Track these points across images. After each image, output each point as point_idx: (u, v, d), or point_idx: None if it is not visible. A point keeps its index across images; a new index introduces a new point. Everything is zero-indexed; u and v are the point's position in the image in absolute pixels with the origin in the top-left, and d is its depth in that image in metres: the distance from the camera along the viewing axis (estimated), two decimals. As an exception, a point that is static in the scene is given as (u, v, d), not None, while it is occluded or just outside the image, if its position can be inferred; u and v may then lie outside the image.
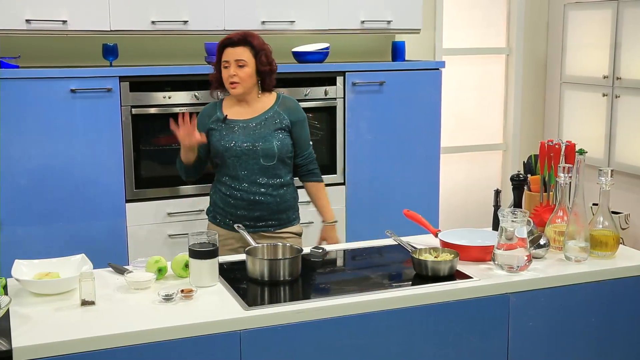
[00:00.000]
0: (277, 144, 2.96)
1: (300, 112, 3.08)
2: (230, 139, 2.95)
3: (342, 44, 4.35)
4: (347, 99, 4.04)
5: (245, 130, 2.97)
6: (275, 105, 3.03)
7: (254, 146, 2.94)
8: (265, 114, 3.00)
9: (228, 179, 2.99)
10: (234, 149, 2.94)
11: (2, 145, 3.42)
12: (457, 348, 2.35)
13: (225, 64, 2.94)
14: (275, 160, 2.97)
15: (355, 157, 4.10)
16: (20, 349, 1.89)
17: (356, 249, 2.87)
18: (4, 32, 3.52)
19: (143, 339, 2.00)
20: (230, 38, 2.95)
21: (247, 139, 2.94)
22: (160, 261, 2.39)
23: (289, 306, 2.19)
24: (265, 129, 2.97)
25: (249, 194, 2.96)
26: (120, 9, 3.65)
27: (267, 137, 2.95)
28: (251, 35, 2.97)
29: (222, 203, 3.01)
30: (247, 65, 2.93)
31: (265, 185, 2.97)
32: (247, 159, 2.95)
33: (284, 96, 3.11)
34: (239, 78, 2.92)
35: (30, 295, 2.23)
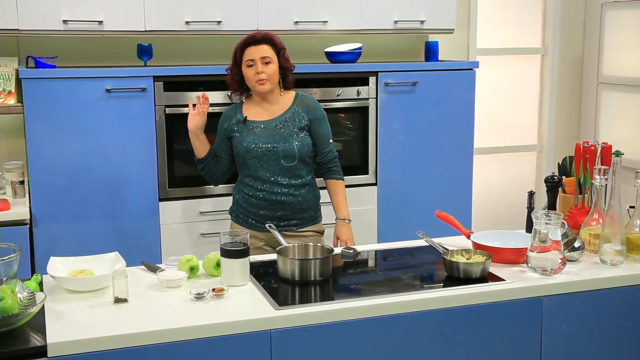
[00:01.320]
0: (297, 144, 2.99)
1: (318, 110, 3.10)
2: (250, 141, 2.99)
3: (375, 44, 4.34)
4: (380, 99, 4.02)
5: (265, 131, 3.00)
6: (294, 105, 3.06)
7: (274, 147, 2.97)
8: (285, 114, 3.03)
9: (250, 180, 3.02)
10: (255, 150, 2.98)
11: (39, 143, 3.47)
12: (489, 352, 2.33)
13: (249, 62, 2.97)
14: (296, 160, 2.99)
15: (387, 157, 4.09)
16: (54, 344, 1.91)
17: (387, 249, 2.86)
18: (41, 32, 3.57)
19: (174, 337, 2.01)
20: (252, 37, 3.00)
21: (268, 140, 2.98)
22: (192, 260, 2.41)
23: (320, 306, 2.19)
24: (285, 130, 3.00)
25: (270, 194, 2.99)
26: (155, 9, 3.68)
27: (287, 137, 2.99)
28: (269, 34, 3.04)
29: (244, 203, 3.05)
30: (272, 62, 2.98)
31: (287, 185, 2.99)
32: (267, 159, 2.98)
33: (303, 94, 3.13)
34: (266, 75, 2.96)
35: (65, 292, 2.26)
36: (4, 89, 3.68)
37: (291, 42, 4.10)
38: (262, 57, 2.96)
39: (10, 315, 1.91)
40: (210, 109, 3.70)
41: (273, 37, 3.04)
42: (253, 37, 3.00)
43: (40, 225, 3.49)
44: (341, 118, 4.06)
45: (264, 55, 2.96)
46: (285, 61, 3.05)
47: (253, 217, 3.04)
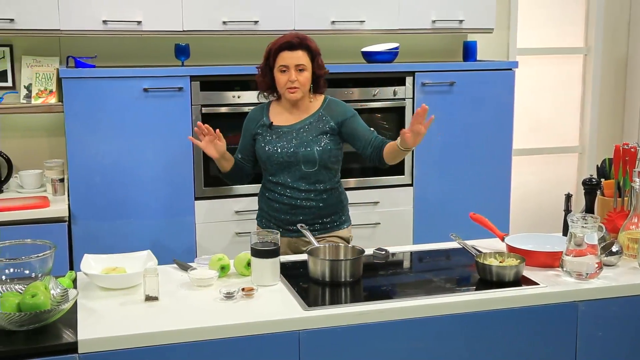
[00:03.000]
0: (318, 149, 2.90)
1: (347, 111, 2.99)
2: (273, 146, 2.92)
3: (412, 44, 4.30)
4: (416, 99, 3.99)
5: (288, 136, 2.92)
6: (320, 109, 2.97)
7: (295, 153, 2.89)
8: (310, 118, 2.95)
9: (272, 184, 2.97)
10: (276, 157, 2.91)
11: (78, 142, 3.52)
12: (521, 357, 2.29)
13: (282, 68, 2.87)
14: (317, 166, 2.91)
15: (423, 158, 4.05)
16: (85, 341, 1.94)
17: (420, 251, 2.84)
18: (82, 32, 3.62)
19: (203, 335, 2.02)
20: (288, 41, 2.88)
21: (290, 145, 2.90)
22: (224, 259, 2.42)
23: (349, 308, 2.18)
24: (308, 134, 2.92)
25: (290, 199, 2.93)
26: (193, 9, 3.71)
27: (309, 143, 2.90)
28: (306, 37, 2.93)
29: (266, 207, 3.01)
30: (306, 70, 2.89)
31: (307, 191, 2.92)
32: (288, 165, 2.91)
33: (331, 99, 3.04)
34: (299, 83, 2.87)
35: (98, 289, 2.29)
36: (45, 88, 3.75)
37: (328, 42, 4.10)
38: (296, 64, 2.86)
39: (43, 311, 1.94)
40: (246, 108, 3.73)
41: (309, 42, 2.93)
42: (289, 42, 2.88)
43: (79, 223, 3.55)
44: (377, 118, 4.04)
45: (298, 62, 2.86)
46: (319, 68, 2.95)
47: (275, 222, 2.98)
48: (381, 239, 4.01)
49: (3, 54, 3.80)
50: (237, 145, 3.12)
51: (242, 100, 3.75)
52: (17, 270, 2.22)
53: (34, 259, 2.22)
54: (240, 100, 3.75)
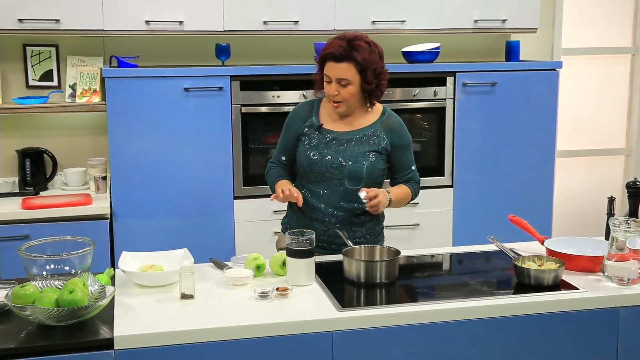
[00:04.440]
0: (367, 165, 2.63)
1: (404, 136, 2.75)
2: (317, 152, 2.65)
3: (453, 44, 4.26)
4: (457, 99, 3.95)
5: (337, 145, 2.66)
6: (377, 123, 2.70)
7: (341, 165, 2.63)
8: (364, 131, 2.68)
9: (307, 193, 2.71)
10: (319, 165, 2.65)
11: (119, 141, 3.57)
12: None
13: (326, 78, 2.62)
14: (362, 184, 2.63)
15: (464, 159, 4.01)
16: (121, 337, 1.96)
17: (458, 253, 2.81)
18: (125, 32, 3.68)
19: (237, 334, 2.03)
20: (331, 52, 2.57)
21: (336, 155, 2.64)
22: (259, 258, 2.42)
23: (384, 309, 2.16)
24: (358, 147, 2.65)
25: (325, 215, 2.68)
26: (234, 9, 3.73)
27: (357, 156, 2.64)
28: (357, 46, 2.56)
29: (297, 219, 2.75)
30: (352, 84, 2.58)
31: (346, 209, 2.67)
32: (330, 177, 2.65)
33: (390, 113, 2.76)
34: (341, 97, 2.60)
35: (135, 286, 2.32)
36: (89, 88, 3.81)
37: (368, 41, 4.09)
38: (338, 78, 2.57)
39: (80, 307, 1.97)
40: (286, 108, 3.74)
41: (358, 52, 2.55)
42: (332, 52, 2.57)
43: (120, 220, 3.60)
44: (417, 119, 4.01)
45: (340, 76, 2.56)
46: (369, 82, 2.59)
47: None
48: (420, 240, 3.99)
49: (49, 54, 3.88)
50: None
51: (281, 100, 3.76)
52: (57, 267, 2.26)
53: (74, 255, 2.26)
54: (280, 100, 3.76)
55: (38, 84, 3.89)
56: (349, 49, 2.56)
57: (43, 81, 3.89)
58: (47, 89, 3.88)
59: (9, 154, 3.88)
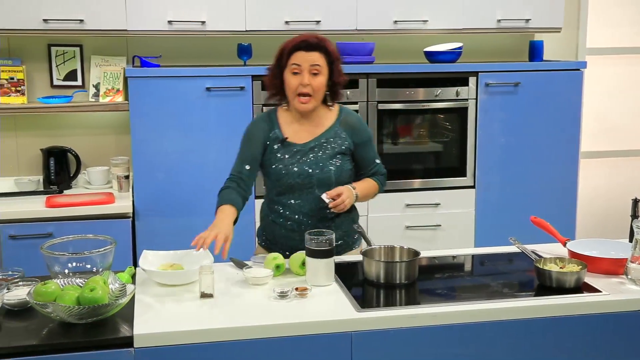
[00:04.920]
0: (334, 170, 2.60)
1: (364, 132, 2.70)
2: (284, 165, 2.60)
3: (476, 44, 4.23)
4: (480, 100, 3.93)
5: (302, 155, 2.60)
6: (336, 123, 2.65)
7: (310, 175, 2.58)
8: (325, 135, 2.62)
9: (279, 207, 2.66)
10: (287, 178, 2.60)
11: (142, 140, 3.60)
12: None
13: (295, 68, 2.53)
14: (332, 189, 2.58)
15: (486, 160, 3.99)
16: (140, 335, 1.97)
17: (479, 254, 2.79)
18: (148, 32, 3.70)
19: (256, 334, 2.03)
20: (304, 40, 2.54)
21: (302, 166, 2.59)
22: (279, 258, 2.43)
23: (403, 310, 2.15)
24: (322, 154, 2.60)
25: (300, 225, 2.62)
26: (256, 9, 3.74)
27: (324, 163, 2.59)
28: (325, 39, 2.58)
29: (273, 232, 2.69)
30: (322, 74, 2.54)
31: (319, 217, 2.62)
32: (300, 187, 2.60)
33: (347, 111, 2.72)
34: (311, 89, 2.53)
35: (155, 285, 2.33)
36: (112, 87, 3.84)
37: (390, 41, 4.09)
38: (311, 64, 2.52)
39: (100, 305, 1.99)
40: (307, 108, 3.73)
41: (328, 44, 2.58)
42: (305, 40, 2.55)
43: (142, 219, 3.62)
44: (439, 119, 3.99)
45: (314, 63, 2.52)
46: (338, 75, 2.60)
47: (285, 248, 2.62)
48: (441, 241, 3.97)
49: (73, 53, 3.92)
50: None
51: (303, 100, 3.76)
52: (79, 265, 2.28)
53: (95, 253, 2.28)
54: (302, 100, 3.75)
55: (62, 84, 3.93)
56: (321, 40, 2.57)
57: (67, 81, 3.93)
58: (71, 89, 3.92)
59: (33, 153, 3.93)
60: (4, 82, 3.77)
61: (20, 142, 3.94)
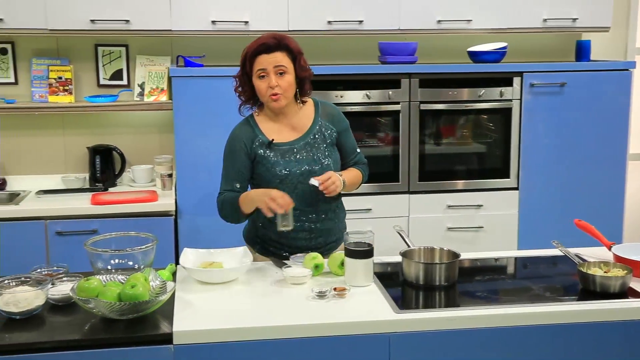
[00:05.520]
0: (331, 162, 2.62)
1: (343, 120, 2.72)
2: (283, 167, 2.57)
3: (521, 43, 4.17)
4: (524, 100, 3.87)
5: (296, 154, 2.59)
6: (317, 117, 2.65)
7: (310, 172, 2.57)
8: (312, 131, 2.63)
9: None
10: (290, 178, 2.57)
11: (185, 139, 3.64)
12: (625, 372, 2.18)
13: (260, 73, 2.52)
14: None
15: (530, 161, 3.93)
16: (179, 332, 1.99)
17: (521, 257, 2.75)
18: (192, 33, 3.74)
19: (293, 333, 2.04)
20: (264, 43, 2.53)
21: (301, 165, 2.58)
22: (318, 258, 2.43)
23: (442, 312, 2.14)
24: (316, 149, 2.61)
25: (310, 223, 2.61)
26: (298, 9, 3.75)
27: (321, 158, 2.60)
28: (284, 37, 2.57)
29: (275, 236, 2.61)
30: (288, 72, 2.53)
31: (324, 210, 2.63)
32: (302, 187, 2.57)
33: (322, 102, 2.73)
34: (281, 88, 2.52)
35: (195, 282, 2.36)
36: (157, 87, 3.90)
37: (433, 41, 4.06)
38: (275, 66, 2.51)
39: (141, 302, 2.01)
40: (349, 108, 3.74)
41: (288, 41, 2.57)
42: (264, 43, 2.53)
43: (184, 217, 3.66)
44: (483, 119, 3.95)
45: (277, 64, 2.51)
46: (303, 70, 2.58)
47: (287, 249, 2.62)
48: (483, 243, 3.93)
49: (119, 53, 3.98)
50: None
51: (345, 100, 3.76)
52: (121, 261, 2.32)
53: (137, 251, 2.31)
54: (343, 99, 3.76)
55: (108, 83, 4.00)
56: (279, 40, 2.56)
57: (113, 80, 4.00)
58: (117, 88, 3.99)
59: (80, 151, 4.00)
60: (52, 82, 3.85)
61: (68, 141, 4.02)
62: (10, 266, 3.01)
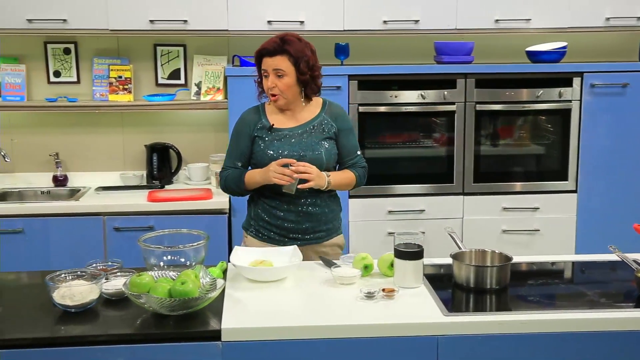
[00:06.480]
0: (324, 152, 2.71)
1: (347, 121, 2.83)
2: (276, 148, 2.70)
3: (581, 43, 4.08)
4: (584, 101, 3.78)
5: (291, 139, 2.72)
6: (322, 112, 2.78)
7: (301, 156, 2.68)
8: (312, 122, 2.75)
9: (269, 192, 2.74)
10: (280, 159, 2.67)
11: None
12: (683, 383, 2.10)
13: (264, 73, 2.71)
14: (323, 170, 2.68)
15: (589, 164, 3.83)
16: (228, 329, 2.01)
17: (577, 261, 2.69)
18: (248, 32, 3.78)
19: (341, 333, 2.03)
20: (266, 48, 2.70)
21: (294, 148, 2.70)
22: (367, 258, 2.42)
23: (492, 316, 2.11)
24: (312, 138, 2.72)
25: (297, 205, 2.72)
26: (354, 9, 3.75)
27: (314, 146, 2.71)
28: (289, 40, 2.68)
29: (267, 216, 2.76)
30: (287, 75, 2.66)
31: (313, 195, 2.72)
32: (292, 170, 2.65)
33: (331, 102, 2.84)
34: (278, 90, 2.68)
35: (245, 280, 2.37)
36: (213, 86, 3.95)
37: (490, 41, 4.01)
38: (274, 69, 2.66)
39: (190, 298, 2.04)
40: (404, 108, 3.72)
41: (291, 45, 2.66)
42: (266, 47, 2.69)
43: (238, 215, 3.70)
44: (541, 120, 3.87)
45: (276, 67, 2.66)
46: (303, 73, 2.68)
47: (276, 231, 2.75)
48: (539, 246, 3.86)
49: (177, 53, 4.05)
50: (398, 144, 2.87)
51: (400, 100, 3.74)
52: (173, 258, 2.36)
53: (188, 248, 2.35)
54: (398, 100, 3.74)
55: (166, 82, 4.07)
56: (281, 43, 2.68)
57: (171, 79, 4.07)
58: (174, 87, 4.06)
59: (138, 149, 4.09)
60: (112, 81, 3.94)
61: (126, 138, 4.11)
62: (69, 260, 3.09)
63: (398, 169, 3.85)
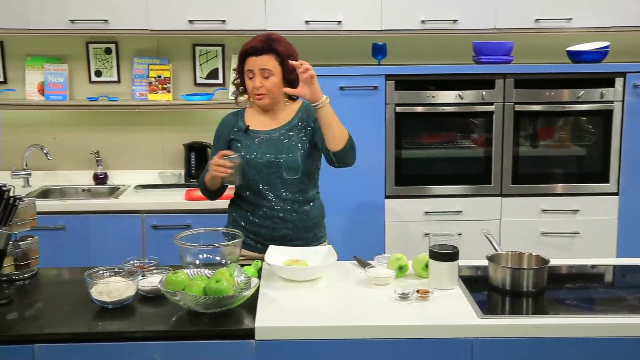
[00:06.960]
0: (302, 154, 2.65)
1: None
2: (251, 151, 2.66)
3: (625, 42, 4.00)
4: (627, 102, 3.71)
5: (267, 141, 2.68)
6: (299, 112, 2.73)
7: (277, 158, 2.64)
8: (289, 123, 2.70)
9: (249, 194, 2.69)
10: (255, 162, 2.64)
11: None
12: None
13: (249, 74, 2.65)
14: (299, 173, 2.65)
15: (632, 165, 3.76)
16: (262, 328, 2.02)
17: (618, 265, 2.64)
18: (285, 32, 3.75)
19: (374, 334, 2.03)
20: (252, 46, 2.64)
21: (269, 151, 2.65)
22: (402, 259, 2.41)
23: (528, 319, 2.08)
24: (289, 140, 2.67)
25: (272, 211, 2.66)
26: (392, 9, 3.73)
27: (291, 148, 2.65)
28: (275, 39, 2.66)
29: (243, 221, 2.71)
30: (273, 75, 2.63)
31: (290, 201, 2.67)
32: (268, 172, 2.64)
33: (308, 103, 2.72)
34: (265, 89, 2.64)
35: (279, 279, 2.38)
36: (251, 86, 3.96)
37: (530, 40, 3.96)
38: (261, 69, 2.62)
39: (225, 296, 2.05)
40: (441, 109, 3.70)
41: (278, 44, 2.65)
42: (253, 46, 2.64)
43: (274, 214, 3.71)
44: (582, 122, 3.81)
45: (263, 67, 2.62)
46: (291, 72, 2.61)
47: (252, 238, 2.68)
48: (579, 250, 3.79)
49: (216, 53, 4.08)
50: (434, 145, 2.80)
51: (437, 100, 3.72)
52: (209, 256, 2.38)
53: (223, 246, 2.36)
54: (435, 100, 3.71)
55: (205, 82, 4.11)
56: (268, 42, 2.64)
57: (209, 79, 4.10)
58: (212, 87, 4.09)
59: (176, 147, 4.13)
60: (152, 80, 3.99)
61: (165, 137, 4.16)
62: (108, 257, 3.12)
63: (435, 169, 3.83)
